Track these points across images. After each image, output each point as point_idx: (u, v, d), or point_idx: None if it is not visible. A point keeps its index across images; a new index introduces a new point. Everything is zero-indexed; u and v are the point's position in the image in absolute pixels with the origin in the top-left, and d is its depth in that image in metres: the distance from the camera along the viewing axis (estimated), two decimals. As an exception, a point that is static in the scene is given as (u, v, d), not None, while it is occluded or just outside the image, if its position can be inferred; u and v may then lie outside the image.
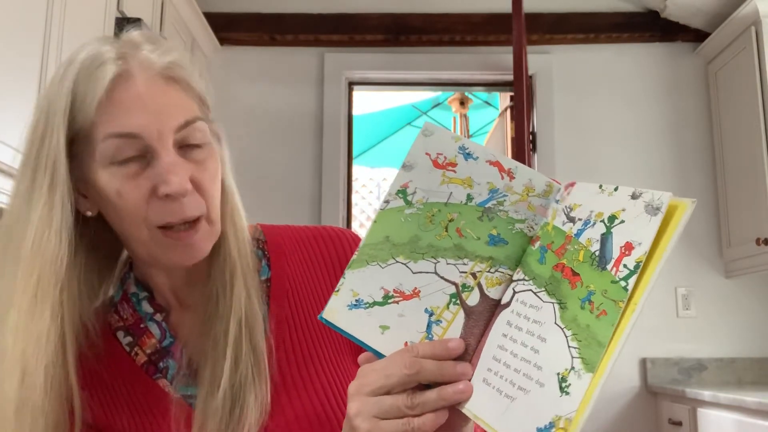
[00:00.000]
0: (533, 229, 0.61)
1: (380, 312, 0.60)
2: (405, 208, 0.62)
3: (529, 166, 1.73)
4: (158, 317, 0.78)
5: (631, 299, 0.50)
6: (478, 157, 0.62)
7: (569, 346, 0.52)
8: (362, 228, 6.27)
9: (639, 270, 0.50)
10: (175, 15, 2.39)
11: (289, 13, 3.00)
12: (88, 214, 0.72)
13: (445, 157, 0.62)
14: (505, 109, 3.58)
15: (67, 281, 0.68)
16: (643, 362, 2.78)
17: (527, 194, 0.61)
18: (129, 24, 1.78)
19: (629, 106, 2.96)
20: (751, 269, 2.61)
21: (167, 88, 0.70)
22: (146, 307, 0.78)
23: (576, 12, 2.99)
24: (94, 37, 0.73)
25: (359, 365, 0.61)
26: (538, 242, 0.59)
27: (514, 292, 0.59)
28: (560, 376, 0.51)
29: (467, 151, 0.63)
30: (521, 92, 2.43)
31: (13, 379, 0.64)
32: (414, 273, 0.60)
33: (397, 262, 0.61)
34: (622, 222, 0.53)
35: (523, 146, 2.42)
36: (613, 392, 2.75)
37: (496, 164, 0.62)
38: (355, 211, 6.07)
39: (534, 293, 0.57)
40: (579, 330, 0.52)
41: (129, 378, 0.76)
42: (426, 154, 0.63)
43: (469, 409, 0.56)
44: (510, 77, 2.81)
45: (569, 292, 0.54)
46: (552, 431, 0.50)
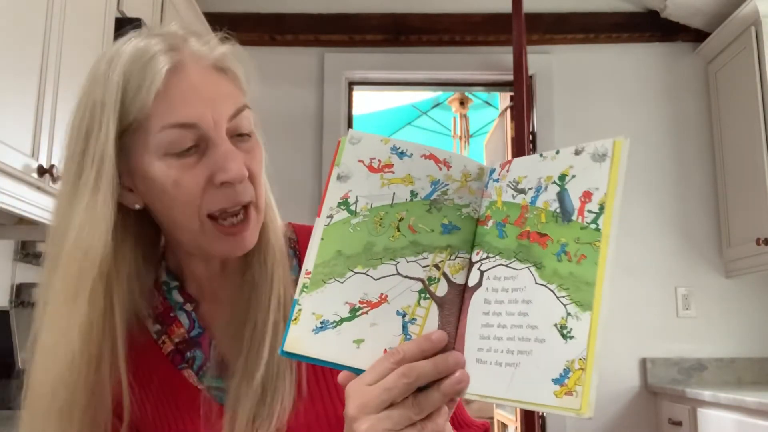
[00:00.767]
0: (477, 211, 0.62)
1: (351, 327, 0.59)
2: (351, 219, 0.62)
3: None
4: (188, 307, 0.78)
5: (604, 235, 0.54)
6: (412, 154, 0.63)
7: (558, 297, 0.53)
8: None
9: (604, 210, 0.54)
10: (175, 15, 2.40)
11: (289, 13, 3.00)
12: (136, 207, 0.72)
13: (380, 161, 0.63)
14: (505, 109, 3.58)
15: (114, 276, 0.69)
16: (643, 362, 2.78)
17: (465, 180, 0.62)
18: (129, 24, 1.79)
19: (629, 106, 2.96)
20: (751, 269, 2.61)
21: (218, 78, 0.72)
22: (177, 297, 0.79)
23: (576, 12, 2.99)
24: (133, 33, 0.73)
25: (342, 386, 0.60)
26: (491, 221, 0.60)
27: (482, 272, 0.59)
28: (559, 326, 0.53)
29: (400, 150, 0.63)
30: (521, 92, 2.43)
31: (58, 370, 0.65)
32: (376, 279, 0.60)
33: (356, 273, 0.60)
34: (574, 177, 0.56)
35: (523, 146, 2.42)
36: (613, 392, 2.75)
37: (431, 157, 0.63)
38: (355, 211, 6.05)
39: (505, 266, 0.58)
40: (562, 280, 0.54)
41: (155, 366, 0.76)
42: (359, 161, 0.63)
43: (472, 392, 0.56)
44: (510, 77, 2.81)
45: (541, 252, 0.56)
46: (569, 376, 0.51)
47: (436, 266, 0.60)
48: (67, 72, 1.56)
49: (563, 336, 0.52)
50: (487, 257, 0.59)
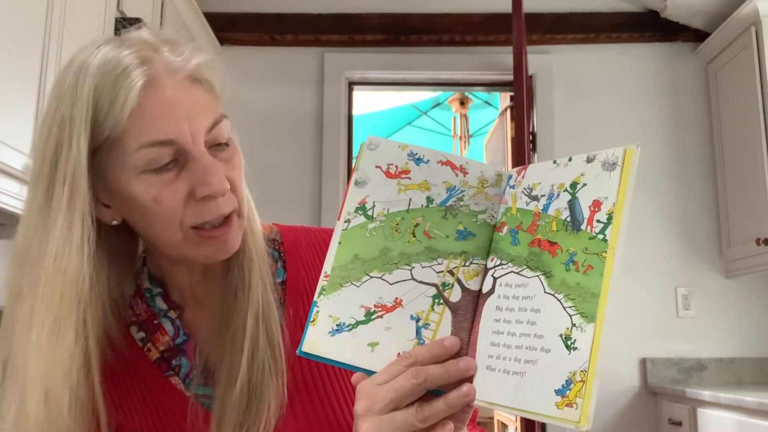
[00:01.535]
0: (494, 217, 0.63)
1: (365, 330, 0.60)
2: (368, 224, 0.63)
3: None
4: (172, 314, 0.77)
5: (610, 247, 0.54)
6: (429, 160, 0.64)
7: (564, 307, 0.54)
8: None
9: (612, 220, 0.54)
10: (175, 15, 2.39)
11: (289, 13, 3.00)
12: (113, 223, 0.71)
13: (397, 166, 0.64)
14: (505, 109, 3.58)
15: (89, 298, 0.66)
16: (643, 362, 2.78)
17: (482, 186, 0.63)
18: (129, 24, 1.78)
19: (629, 106, 2.96)
20: (751, 269, 2.61)
21: (194, 90, 0.69)
22: (160, 304, 0.78)
23: (576, 12, 2.99)
24: (97, 39, 0.70)
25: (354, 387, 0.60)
26: (506, 227, 0.61)
27: (495, 279, 0.60)
28: (563, 336, 0.53)
29: (417, 156, 0.64)
30: (521, 92, 2.43)
31: (38, 401, 0.63)
32: (391, 284, 0.61)
33: (372, 277, 0.61)
34: (584, 185, 0.57)
35: (523, 146, 2.42)
36: (613, 392, 2.75)
37: (448, 163, 0.64)
38: (355, 211, 6.05)
39: (516, 273, 0.58)
40: (570, 290, 0.54)
41: (141, 374, 0.76)
42: (377, 167, 0.64)
43: (481, 399, 0.56)
44: (510, 77, 2.81)
45: (551, 261, 0.56)
46: (571, 387, 0.51)
47: (451, 272, 0.61)
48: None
49: (567, 347, 0.53)
50: (501, 264, 0.60)
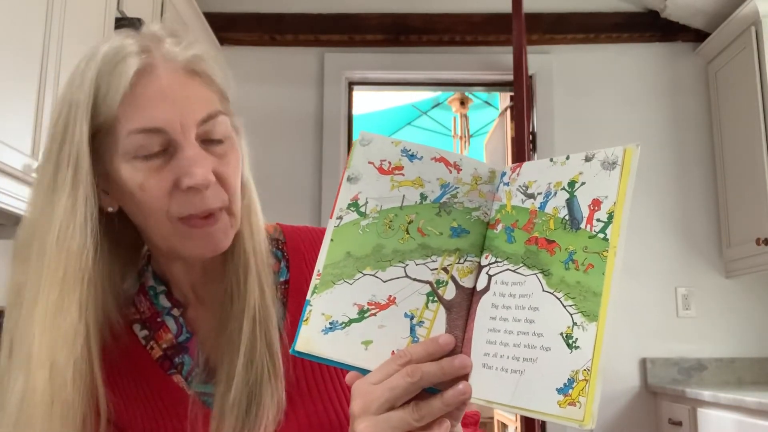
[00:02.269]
0: (488, 214, 0.62)
1: (359, 328, 0.59)
2: (360, 220, 0.62)
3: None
4: (175, 312, 0.77)
5: (611, 246, 0.54)
6: (422, 157, 0.63)
7: (564, 306, 0.53)
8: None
9: (613, 219, 0.54)
10: (175, 15, 2.39)
11: (289, 13, 3.00)
12: (110, 209, 0.72)
13: (390, 162, 0.63)
14: (505, 109, 3.58)
15: (92, 276, 0.67)
16: (643, 362, 2.78)
17: (476, 183, 0.63)
18: (129, 24, 1.78)
19: (629, 106, 2.96)
20: (751, 269, 2.61)
21: (189, 81, 0.69)
22: (164, 302, 0.78)
23: (576, 12, 2.99)
24: (119, 32, 0.72)
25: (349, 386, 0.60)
26: (500, 225, 0.60)
27: (490, 276, 0.59)
28: (564, 335, 0.53)
29: (410, 153, 0.63)
30: (521, 92, 2.43)
31: (43, 374, 0.64)
32: (385, 282, 0.60)
33: (365, 274, 0.60)
34: (583, 184, 0.56)
35: (523, 146, 2.42)
36: (613, 392, 2.75)
37: (441, 160, 0.63)
38: (355, 211, 6.05)
39: (513, 271, 0.58)
40: (570, 288, 0.54)
41: (144, 371, 0.76)
42: (369, 163, 0.63)
43: (478, 397, 0.56)
44: (510, 77, 2.81)
45: (549, 259, 0.56)
46: (573, 386, 0.51)
47: (445, 269, 0.60)
48: (67, 72, 1.55)
49: (569, 345, 0.52)
50: (496, 261, 0.59)
